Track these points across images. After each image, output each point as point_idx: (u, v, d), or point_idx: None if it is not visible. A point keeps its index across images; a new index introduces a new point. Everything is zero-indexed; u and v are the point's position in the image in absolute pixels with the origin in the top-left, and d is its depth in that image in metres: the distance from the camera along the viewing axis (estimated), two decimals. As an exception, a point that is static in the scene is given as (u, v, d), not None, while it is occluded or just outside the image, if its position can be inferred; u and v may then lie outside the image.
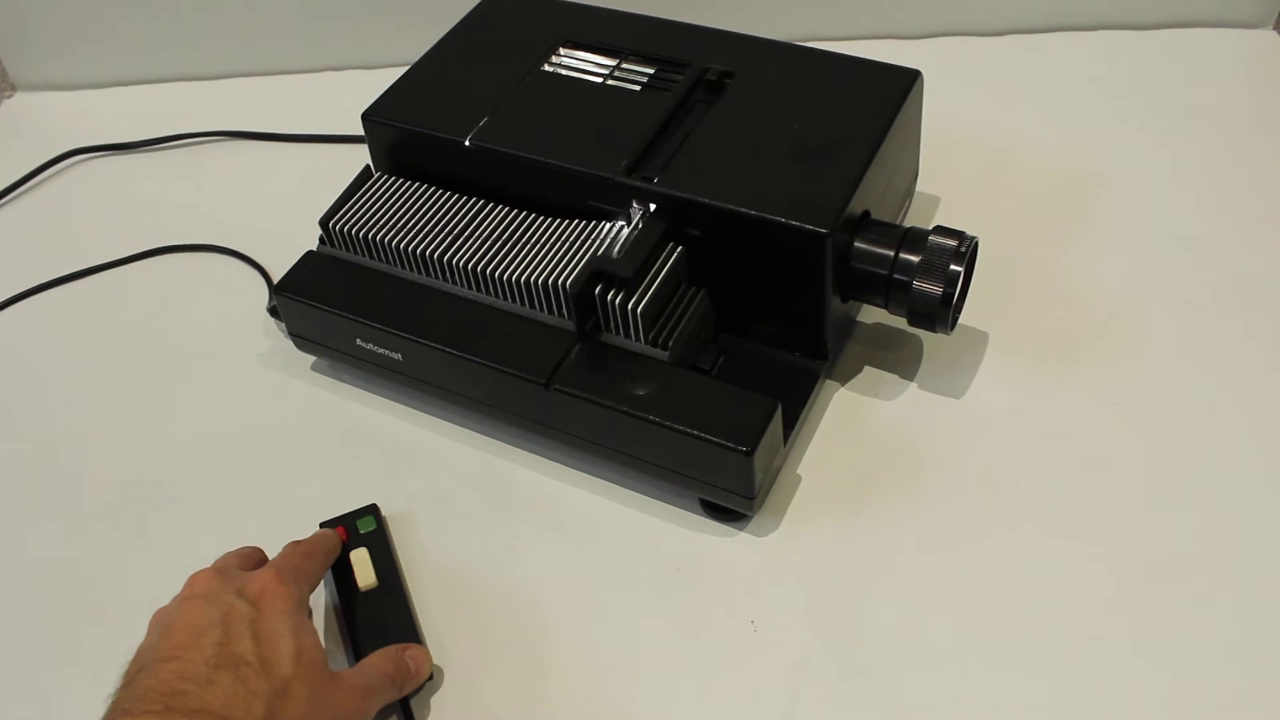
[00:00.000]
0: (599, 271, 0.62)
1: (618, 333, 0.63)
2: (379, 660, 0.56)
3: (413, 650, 0.57)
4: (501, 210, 0.68)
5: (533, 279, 0.63)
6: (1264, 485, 0.63)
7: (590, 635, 0.60)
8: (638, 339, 0.63)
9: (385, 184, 0.71)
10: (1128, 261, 0.76)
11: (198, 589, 0.54)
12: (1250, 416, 0.66)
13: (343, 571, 0.62)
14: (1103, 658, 0.57)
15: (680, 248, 0.64)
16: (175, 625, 0.52)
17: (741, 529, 0.64)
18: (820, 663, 0.58)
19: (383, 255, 0.68)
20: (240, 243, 0.83)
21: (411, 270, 0.68)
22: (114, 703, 0.48)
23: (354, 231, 0.68)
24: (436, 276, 0.67)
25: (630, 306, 0.61)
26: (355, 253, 0.70)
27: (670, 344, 0.62)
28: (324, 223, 0.69)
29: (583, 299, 0.62)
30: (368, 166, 0.72)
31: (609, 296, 0.62)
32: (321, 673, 0.52)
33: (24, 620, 0.64)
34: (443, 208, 0.69)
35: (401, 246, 0.67)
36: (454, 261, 0.66)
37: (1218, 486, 0.63)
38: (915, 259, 0.63)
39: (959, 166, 0.82)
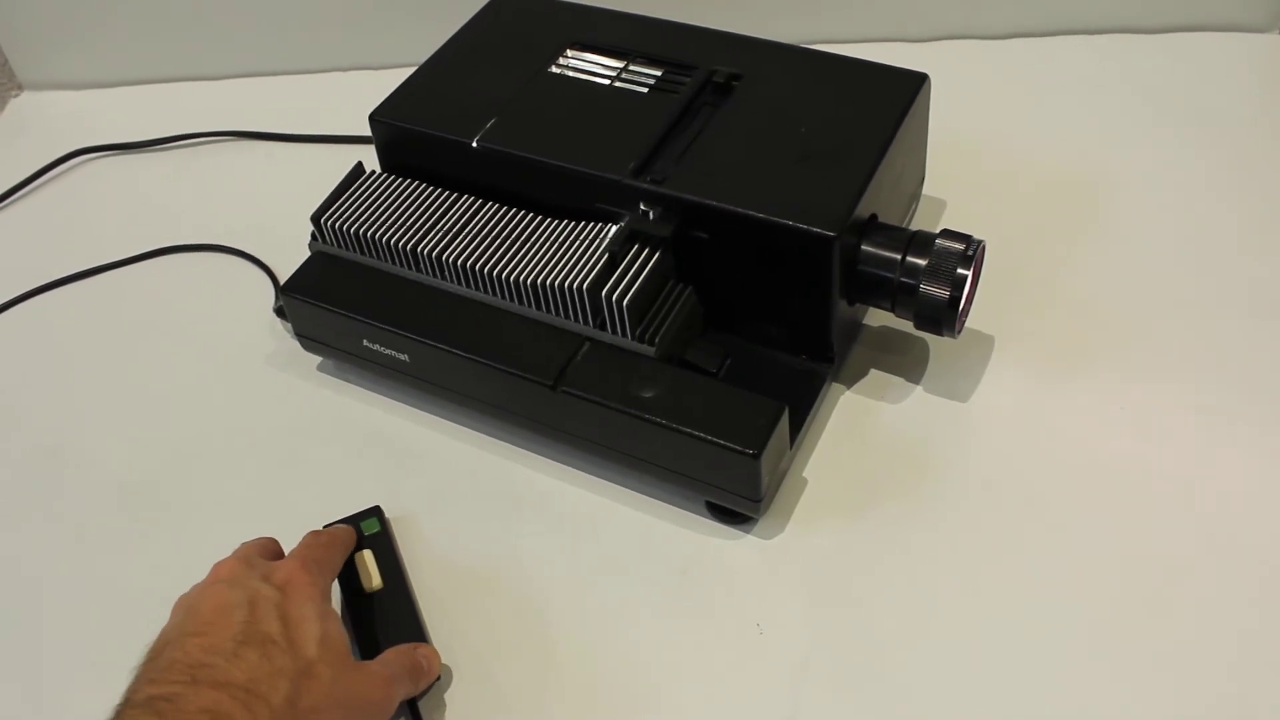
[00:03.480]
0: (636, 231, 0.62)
1: (605, 329, 0.63)
2: (396, 655, 0.56)
3: (423, 649, 0.57)
4: (504, 210, 0.68)
5: (540, 281, 0.63)
6: (1270, 490, 0.63)
7: (595, 636, 0.60)
8: (625, 334, 0.63)
9: (377, 181, 0.71)
10: (1134, 265, 0.76)
11: (223, 574, 0.55)
12: (1256, 420, 0.66)
13: (348, 573, 0.62)
14: (1107, 662, 0.57)
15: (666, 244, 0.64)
16: (202, 605, 0.52)
17: (747, 531, 0.64)
18: (825, 665, 0.58)
19: (374, 251, 0.69)
20: (246, 243, 0.83)
21: (406, 268, 0.68)
22: (139, 674, 0.49)
23: (346, 228, 0.68)
24: (434, 275, 0.67)
25: (616, 300, 0.61)
26: (346, 249, 0.70)
27: (657, 339, 0.62)
28: (315, 218, 0.70)
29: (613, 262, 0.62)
30: (359, 163, 0.72)
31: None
32: (345, 658, 0.52)
33: (27, 619, 0.64)
34: (436, 205, 0.69)
35: (393, 243, 0.67)
36: (449, 259, 0.66)
37: (1224, 491, 0.63)
38: (922, 262, 0.63)
39: (966, 170, 0.82)
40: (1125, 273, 0.75)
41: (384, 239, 0.67)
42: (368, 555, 0.62)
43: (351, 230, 0.68)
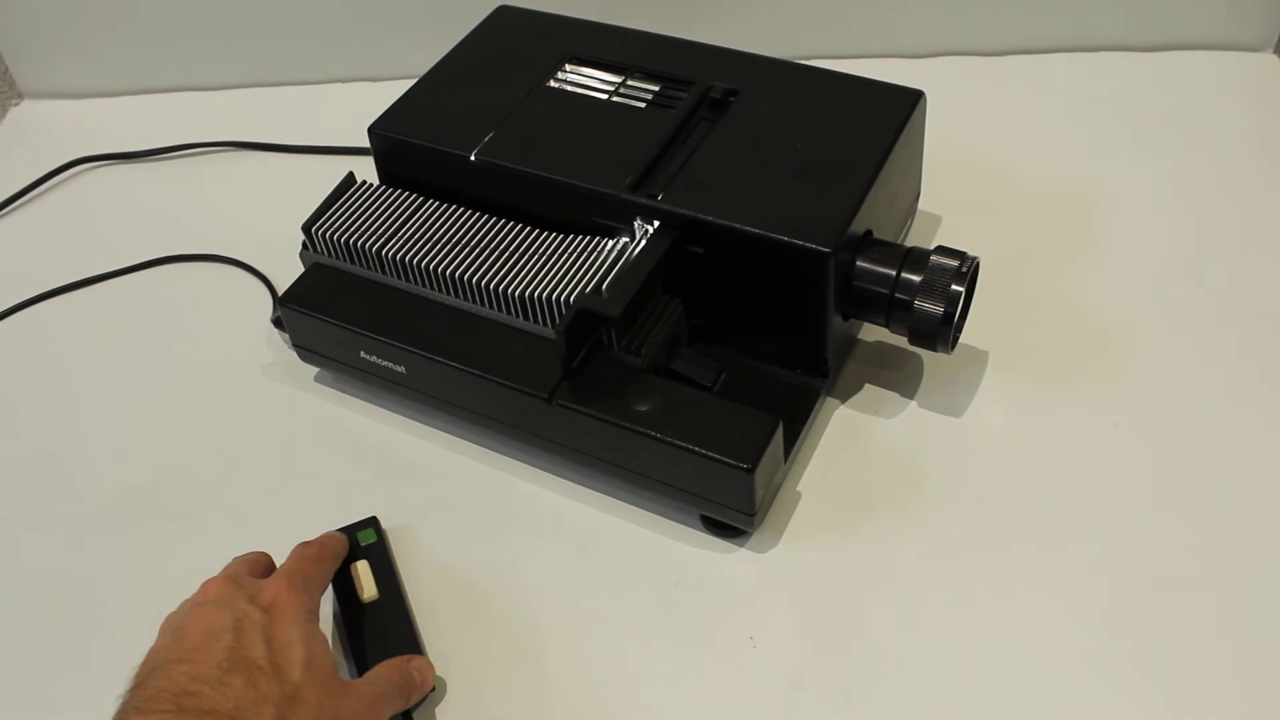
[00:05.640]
0: (585, 310, 0.61)
1: (599, 341, 0.64)
2: (386, 670, 0.56)
3: (417, 661, 0.58)
4: (501, 223, 0.68)
5: (536, 294, 0.64)
6: (1262, 505, 0.63)
7: (590, 649, 0.60)
8: (612, 345, 0.63)
9: (370, 191, 0.71)
10: (1128, 282, 0.76)
11: (210, 595, 0.55)
12: (1249, 436, 0.66)
13: (344, 584, 0.62)
14: (1101, 676, 0.57)
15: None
16: (188, 629, 0.52)
17: (741, 545, 0.64)
18: (818, 679, 0.58)
19: (366, 261, 0.69)
20: (245, 253, 0.84)
21: (400, 279, 0.68)
22: (125, 702, 0.49)
23: (337, 237, 0.69)
24: (429, 286, 0.68)
25: (606, 289, 0.62)
26: (337, 258, 0.70)
27: (643, 350, 0.63)
28: (306, 228, 0.70)
29: (572, 335, 0.61)
30: (350, 174, 0.73)
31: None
32: (331, 680, 0.52)
33: (26, 627, 0.64)
34: (430, 217, 0.69)
35: (386, 253, 0.68)
36: (443, 271, 0.66)
37: (1216, 506, 0.63)
38: (917, 278, 0.63)
39: (961, 186, 0.82)
40: (1119, 289, 0.75)
41: (376, 249, 0.68)
42: (364, 566, 0.62)
43: (343, 240, 0.69)
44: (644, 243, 0.65)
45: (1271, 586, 0.60)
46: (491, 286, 0.65)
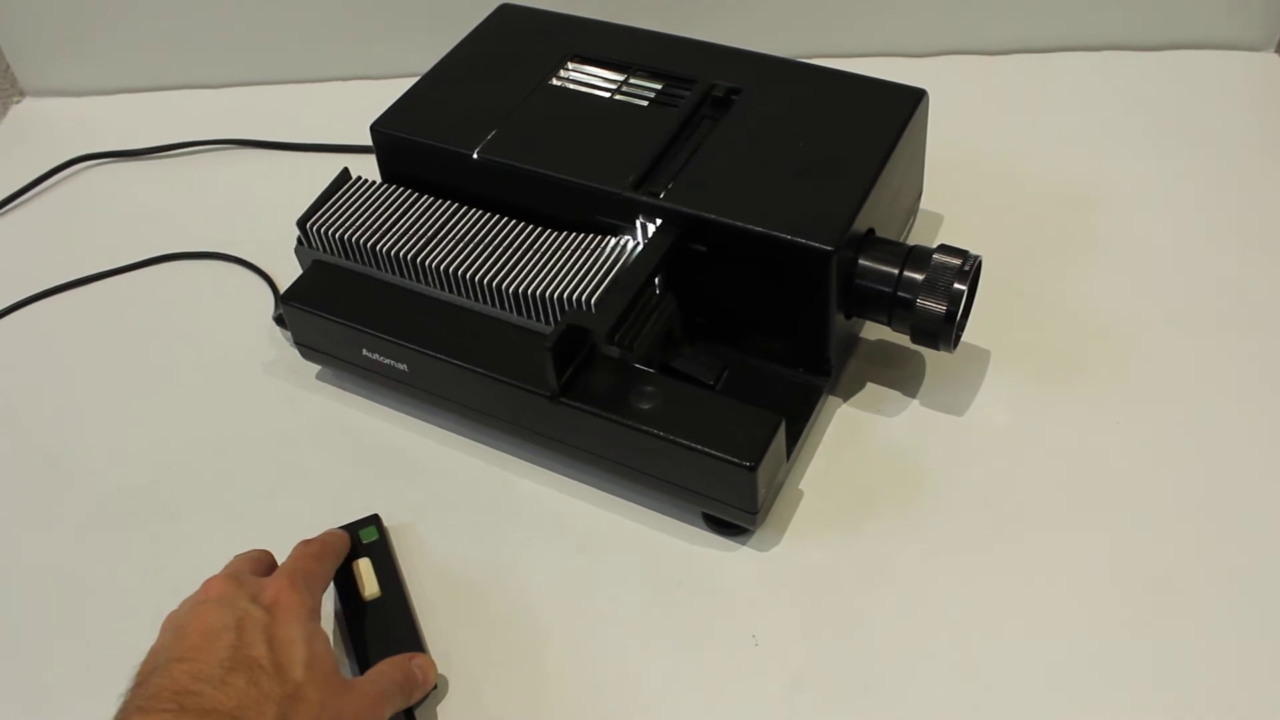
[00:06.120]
0: (574, 326, 0.61)
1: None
2: (387, 668, 0.56)
3: (419, 659, 0.58)
4: (503, 221, 0.68)
5: (539, 292, 0.64)
6: (1264, 503, 0.63)
7: (591, 647, 0.60)
8: (606, 339, 0.63)
9: (365, 187, 0.71)
10: (1130, 281, 0.76)
11: (212, 593, 0.55)
12: (1250, 435, 0.66)
13: (346, 581, 0.62)
14: (1104, 675, 0.57)
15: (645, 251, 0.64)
16: (189, 628, 0.52)
17: (743, 544, 0.64)
18: (820, 678, 0.58)
19: (361, 257, 0.69)
20: (246, 251, 0.84)
21: (395, 274, 0.68)
22: (126, 701, 0.49)
23: (333, 233, 0.69)
24: (429, 283, 0.68)
25: (595, 303, 0.62)
26: (333, 254, 0.70)
27: (635, 345, 0.63)
28: (301, 223, 0.70)
29: (560, 350, 0.61)
30: (345, 169, 0.73)
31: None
32: (333, 679, 0.52)
33: (26, 627, 0.64)
34: (426, 213, 0.69)
35: (382, 249, 0.67)
36: (442, 268, 0.66)
37: (1218, 505, 0.63)
38: (919, 277, 0.63)
39: (963, 185, 0.82)
40: (1121, 288, 0.75)
41: (372, 245, 0.68)
42: (365, 563, 0.62)
43: (338, 236, 0.69)
44: (646, 241, 0.65)
45: (1272, 586, 0.60)
46: (494, 284, 0.65)
